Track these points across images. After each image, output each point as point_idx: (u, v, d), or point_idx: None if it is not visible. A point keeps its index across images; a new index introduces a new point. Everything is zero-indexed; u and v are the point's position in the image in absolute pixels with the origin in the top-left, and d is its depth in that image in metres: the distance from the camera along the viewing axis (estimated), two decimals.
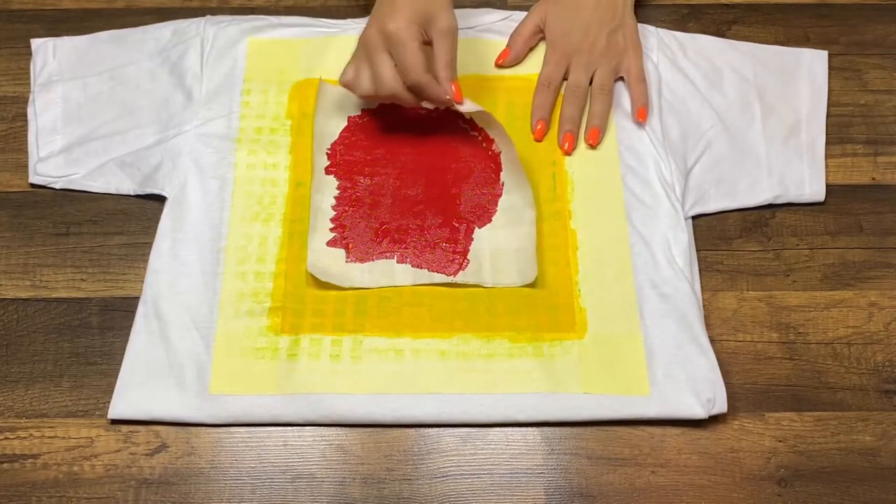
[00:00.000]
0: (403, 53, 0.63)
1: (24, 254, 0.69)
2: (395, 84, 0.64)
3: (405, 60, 0.63)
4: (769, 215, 0.71)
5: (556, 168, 0.71)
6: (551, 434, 0.61)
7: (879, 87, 0.77)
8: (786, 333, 0.66)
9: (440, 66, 0.65)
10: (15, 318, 0.66)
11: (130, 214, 0.70)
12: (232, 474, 0.60)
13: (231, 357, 0.63)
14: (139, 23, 0.78)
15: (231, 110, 0.73)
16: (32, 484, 0.60)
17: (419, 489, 0.60)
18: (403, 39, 0.62)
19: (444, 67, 0.65)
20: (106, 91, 0.74)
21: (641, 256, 0.67)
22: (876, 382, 0.64)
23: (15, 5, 0.81)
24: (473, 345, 0.64)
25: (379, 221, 0.69)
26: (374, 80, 0.65)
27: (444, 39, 0.64)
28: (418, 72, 0.63)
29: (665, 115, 0.73)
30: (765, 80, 0.76)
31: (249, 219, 0.68)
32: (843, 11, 0.81)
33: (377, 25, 0.63)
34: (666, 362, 0.63)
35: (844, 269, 0.69)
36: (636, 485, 0.60)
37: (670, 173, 0.70)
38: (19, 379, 0.64)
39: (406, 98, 0.65)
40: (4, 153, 0.73)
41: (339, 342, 0.64)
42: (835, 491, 0.60)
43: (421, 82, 0.63)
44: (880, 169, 0.73)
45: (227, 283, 0.66)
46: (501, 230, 0.68)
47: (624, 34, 0.74)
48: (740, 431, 0.62)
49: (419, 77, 0.63)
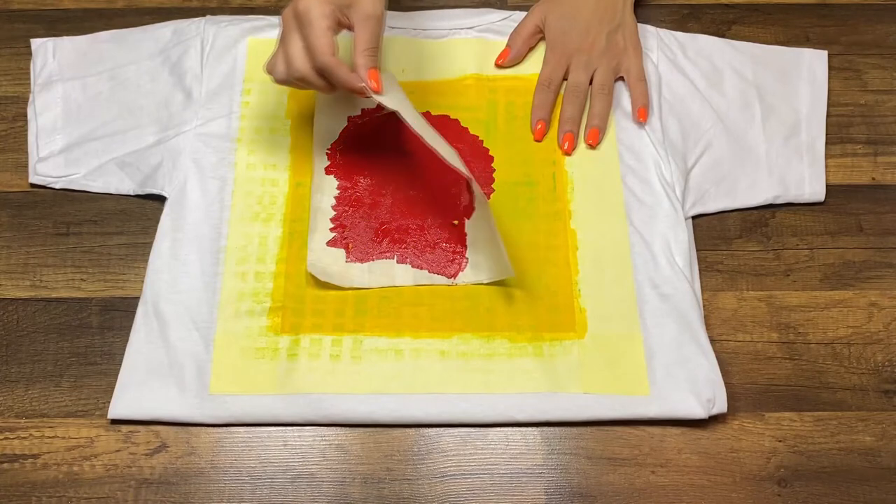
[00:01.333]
0: (310, 34, 0.60)
1: (24, 254, 0.69)
2: (304, 66, 0.61)
3: (311, 41, 0.60)
4: (769, 215, 0.71)
5: (556, 168, 0.71)
6: (551, 434, 0.61)
7: (879, 87, 0.77)
8: (786, 333, 0.66)
9: (357, 52, 0.61)
10: (15, 318, 0.66)
11: (130, 214, 0.70)
12: (232, 474, 0.60)
13: (231, 357, 0.63)
14: (139, 23, 0.78)
15: (231, 110, 0.73)
16: (32, 484, 0.60)
17: (419, 489, 0.60)
18: (312, 19, 0.59)
19: (362, 54, 0.61)
20: (106, 91, 0.74)
21: (641, 256, 0.67)
22: (876, 382, 0.64)
23: (15, 5, 0.81)
24: (473, 345, 0.64)
25: (379, 221, 0.69)
26: (285, 62, 0.62)
27: (365, 25, 0.61)
28: (324, 53, 0.60)
29: (665, 115, 0.73)
30: (765, 80, 0.76)
31: (249, 219, 0.68)
32: (843, 11, 0.81)
33: (292, 5, 0.61)
34: (666, 362, 0.63)
35: (844, 269, 0.69)
36: (636, 485, 0.60)
37: (670, 173, 0.70)
38: (19, 379, 0.64)
39: (317, 83, 0.62)
40: (4, 153, 0.73)
41: (339, 342, 0.64)
42: (835, 491, 0.60)
43: (327, 65, 0.60)
44: (880, 169, 0.73)
45: (226, 282, 0.66)
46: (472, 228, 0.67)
47: (624, 34, 0.74)
48: (740, 431, 0.62)
49: (325, 59, 0.60)
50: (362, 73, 0.61)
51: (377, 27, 0.62)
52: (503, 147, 0.72)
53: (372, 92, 0.62)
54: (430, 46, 0.77)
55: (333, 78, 0.61)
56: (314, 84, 0.62)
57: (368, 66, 0.61)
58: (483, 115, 0.74)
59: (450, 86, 0.75)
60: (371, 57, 0.62)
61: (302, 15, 0.60)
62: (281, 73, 0.63)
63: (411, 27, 0.77)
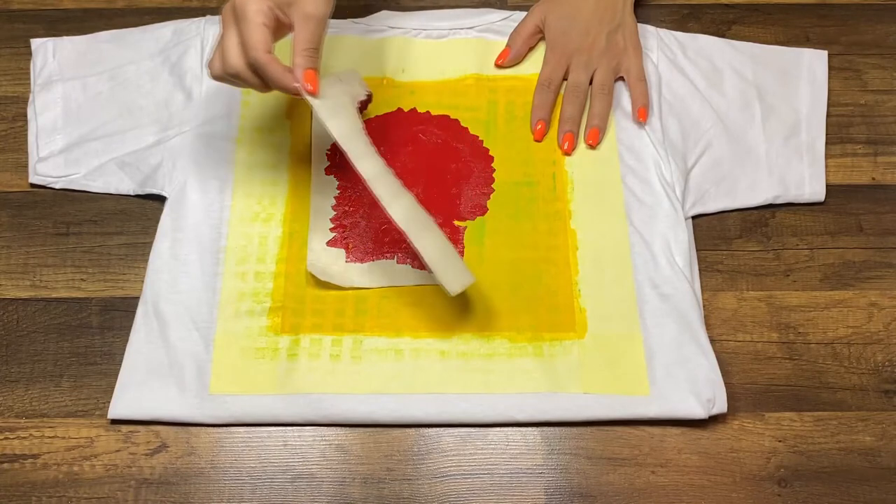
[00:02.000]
0: (245, 28, 0.58)
1: (24, 254, 0.69)
2: (238, 62, 0.59)
3: (245, 36, 0.58)
4: (769, 215, 0.71)
5: (556, 168, 0.71)
6: (551, 434, 0.61)
7: (879, 87, 0.77)
8: (786, 333, 0.66)
9: (295, 52, 0.59)
10: (15, 318, 0.66)
11: (130, 214, 0.70)
12: (232, 474, 0.60)
13: (231, 357, 0.63)
14: (139, 23, 0.78)
15: (231, 110, 0.73)
16: (32, 484, 0.60)
17: (419, 489, 0.60)
18: (248, 14, 0.58)
19: (300, 53, 0.59)
20: (106, 91, 0.74)
21: (641, 256, 0.67)
22: (876, 382, 0.64)
23: (15, 5, 0.81)
24: (473, 345, 0.64)
25: (379, 221, 0.69)
26: (221, 58, 0.60)
27: (305, 24, 0.59)
28: (257, 49, 0.57)
29: (665, 115, 0.73)
30: (765, 80, 0.76)
31: (249, 219, 0.68)
32: (843, 11, 0.81)
33: (231, 1, 0.59)
34: (666, 362, 0.63)
35: (844, 269, 0.69)
36: (636, 485, 0.60)
37: (670, 173, 0.70)
38: (19, 379, 0.64)
39: (251, 80, 0.60)
40: (4, 153, 0.73)
41: (339, 342, 0.64)
42: (835, 491, 0.60)
43: (260, 61, 0.58)
44: (880, 169, 0.73)
45: (226, 282, 0.66)
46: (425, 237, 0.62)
47: (624, 34, 0.74)
48: (740, 431, 0.62)
49: (257, 55, 0.57)
50: (298, 73, 0.59)
51: (318, 28, 0.60)
52: (503, 147, 0.72)
53: (306, 94, 0.59)
54: (430, 46, 0.77)
55: (266, 75, 0.59)
56: (248, 81, 0.60)
57: (305, 66, 0.59)
58: (483, 115, 0.74)
59: (450, 86, 0.75)
60: (309, 58, 0.60)
61: (239, 10, 0.58)
62: (216, 69, 0.61)
63: (411, 27, 0.77)
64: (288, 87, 0.59)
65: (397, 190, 0.61)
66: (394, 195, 0.61)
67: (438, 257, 0.60)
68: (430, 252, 0.60)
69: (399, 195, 0.61)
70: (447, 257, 0.61)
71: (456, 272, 0.60)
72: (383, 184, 0.61)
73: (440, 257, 0.60)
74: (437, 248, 0.60)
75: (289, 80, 0.59)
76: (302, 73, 0.59)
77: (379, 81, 0.75)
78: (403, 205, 0.61)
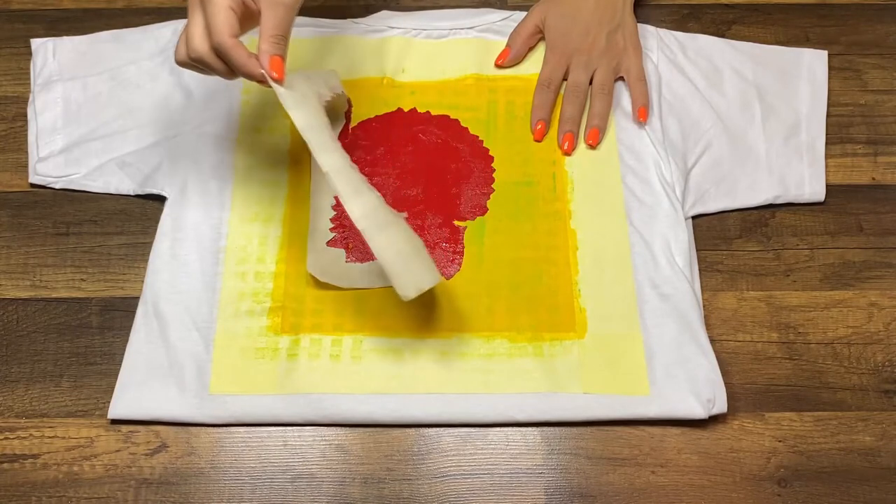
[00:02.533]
0: (211, 12, 0.56)
1: (24, 254, 0.69)
2: (202, 46, 0.57)
3: (210, 19, 0.56)
4: (769, 215, 0.71)
5: (555, 168, 0.71)
6: (551, 434, 0.61)
7: (879, 87, 0.77)
8: (786, 333, 0.66)
9: (262, 38, 0.57)
10: (15, 318, 0.66)
11: (130, 214, 0.70)
12: (232, 474, 0.60)
13: (231, 357, 0.63)
14: (139, 23, 0.78)
15: (231, 110, 0.73)
16: (32, 484, 0.60)
17: (419, 489, 0.60)
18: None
19: (266, 39, 0.57)
20: (106, 91, 0.74)
21: (641, 256, 0.67)
22: (876, 382, 0.64)
23: (15, 5, 0.81)
24: (473, 345, 0.64)
25: None
26: (185, 43, 0.58)
27: (272, 10, 0.58)
28: (222, 33, 0.56)
29: (665, 115, 0.73)
30: (765, 80, 0.75)
31: (249, 219, 0.68)
32: (843, 11, 0.81)
33: None
34: (666, 362, 0.63)
35: (844, 269, 0.69)
36: (636, 485, 0.60)
37: (670, 173, 0.70)
38: (19, 379, 0.64)
39: (216, 66, 0.58)
40: (4, 153, 0.73)
41: (339, 342, 0.64)
42: (835, 491, 0.60)
43: (224, 45, 0.56)
44: (880, 169, 0.73)
45: (226, 282, 0.66)
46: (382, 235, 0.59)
47: (623, 34, 0.74)
48: (740, 431, 0.62)
49: (222, 38, 0.56)
50: (264, 59, 0.57)
51: (286, 15, 0.58)
52: (503, 147, 0.72)
53: (272, 81, 0.57)
54: (430, 46, 0.77)
55: (230, 60, 0.57)
56: (213, 67, 0.58)
57: (271, 52, 0.57)
58: (483, 115, 0.74)
59: (450, 86, 0.75)
60: (276, 44, 0.58)
61: None
62: (180, 54, 0.58)
63: (411, 27, 0.77)
64: (253, 74, 0.57)
65: (359, 187, 0.58)
66: (355, 191, 0.58)
67: (393, 258, 0.57)
68: (384, 253, 0.57)
69: (361, 192, 0.58)
70: (405, 259, 0.57)
71: (414, 275, 0.57)
72: (344, 179, 0.58)
73: (395, 259, 0.57)
74: (394, 249, 0.57)
75: (254, 67, 0.57)
76: (268, 60, 0.57)
77: (379, 81, 0.75)
78: (364, 203, 0.58)
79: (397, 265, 0.57)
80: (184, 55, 0.58)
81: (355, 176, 0.59)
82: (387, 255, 0.57)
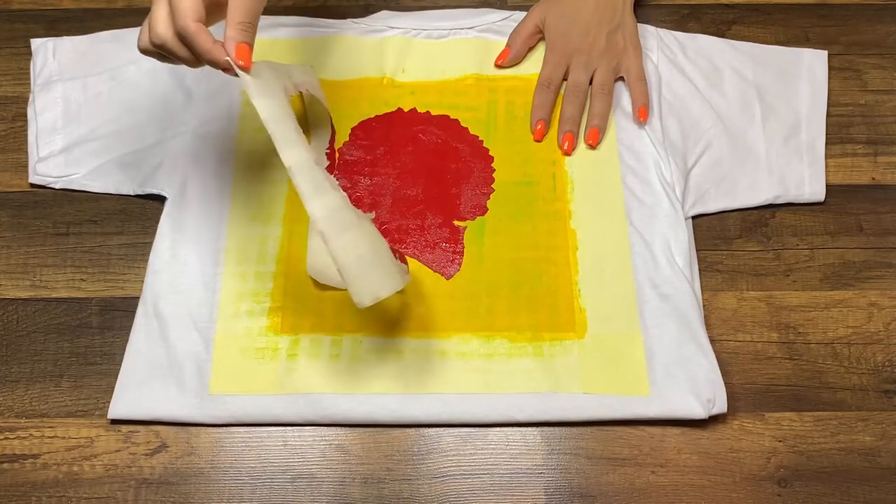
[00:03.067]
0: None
1: (24, 254, 0.69)
2: (165, 31, 0.54)
3: (174, 3, 0.54)
4: (769, 215, 0.71)
5: (555, 168, 0.71)
6: (551, 434, 0.61)
7: (879, 87, 0.77)
8: (786, 333, 0.66)
9: (229, 25, 0.55)
10: (15, 318, 0.66)
11: (130, 214, 0.70)
12: (232, 474, 0.60)
13: (231, 357, 0.63)
14: (139, 23, 0.76)
15: (231, 110, 0.73)
16: (32, 484, 0.60)
17: (419, 489, 0.60)
18: None
19: (233, 27, 0.55)
20: (106, 91, 0.74)
21: (641, 256, 0.67)
22: (876, 382, 0.64)
23: (15, 5, 0.81)
24: (473, 345, 0.64)
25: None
26: (148, 28, 0.55)
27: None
28: (186, 17, 0.53)
29: (665, 115, 0.73)
30: (765, 80, 0.76)
31: (249, 219, 0.68)
32: (843, 11, 0.81)
33: None
34: (666, 362, 0.63)
35: (844, 269, 0.69)
36: (636, 485, 0.60)
37: (670, 173, 0.70)
38: (19, 379, 0.64)
39: (179, 52, 0.55)
40: (4, 153, 0.73)
41: (339, 342, 0.64)
42: (835, 491, 0.60)
43: (188, 29, 0.53)
44: (880, 169, 0.73)
45: (226, 283, 0.66)
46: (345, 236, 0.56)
47: (623, 34, 0.74)
48: (740, 431, 0.62)
49: (185, 22, 0.53)
50: (230, 46, 0.55)
51: (254, 2, 0.56)
52: (503, 147, 0.72)
53: (238, 69, 0.55)
54: (430, 46, 0.77)
55: (194, 46, 0.54)
56: (177, 53, 0.55)
57: (238, 39, 0.55)
58: (483, 115, 0.74)
59: (450, 86, 0.75)
60: (243, 31, 0.55)
61: None
62: (142, 40, 0.56)
63: (411, 27, 0.77)
64: (218, 61, 0.55)
65: (322, 185, 0.55)
66: (316, 190, 0.55)
67: (350, 264, 0.54)
68: (340, 257, 0.54)
69: (323, 192, 0.55)
70: (364, 265, 0.54)
71: (370, 282, 0.54)
72: (306, 176, 0.55)
73: (353, 264, 0.54)
74: (353, 254, 0.54)
75: (219, 53, 0.54)
76: (234, 47, 0.55)
77: (379, 81, 0.75)
78: (326, 203, 0.55)
79: (354, 271, 0.54)
80: (146, 41, 0.56)
81: (319, 174, 0.56)
82: (343, 261, 0.54)
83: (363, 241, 0.55)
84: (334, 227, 0.54)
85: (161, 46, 0.55)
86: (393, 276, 0.55)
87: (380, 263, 0.55)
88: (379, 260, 0.55)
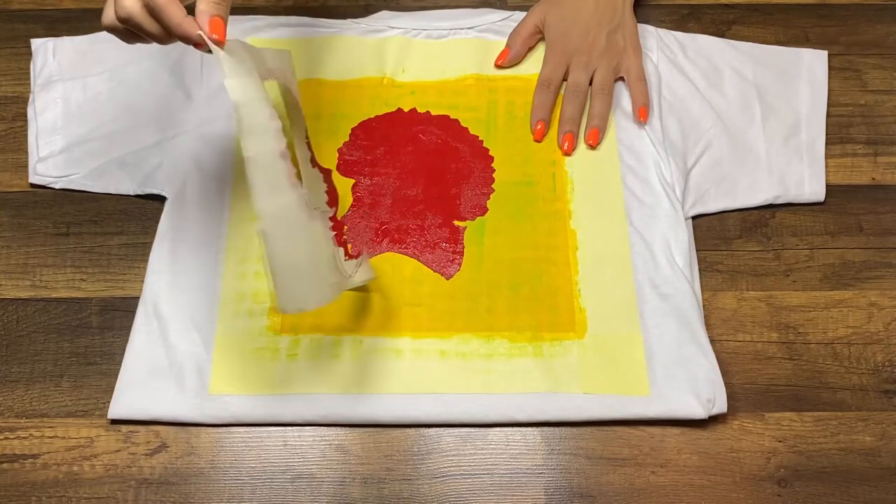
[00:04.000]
0: None
1: (24, 254, 0.69)
2: (133, 4, 0.51)
3: None
4: (769, 215, 0.71)
5: (555, 168, 0.71)
6: (551, 434, 0.61)
7: (879, 87, 0.77)
8: (786, 333, 0.66)
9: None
10: (15, 318, 0.66)
11: (130, 214, 0.70)
12: (232, 474, 0.60)
13: (231, 357, 0.63)
14: None
15: (231, 110, 0.73)
16: (32, 484, 0.60)
17: (419, 489, 0.60)
18: None
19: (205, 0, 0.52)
20: (106, 91, 0.74)
21: (641, 256, 0.67)
22: (876, 382, 0.64)
23: (15, 5, 0.81)
24: (473, 345, 0.64)
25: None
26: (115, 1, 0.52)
27: None
28: None
29: (665, 115, 0.73)
30: (765, 80, 0.76)
31: (249, 219, 0.68)
32: (843, 11, 0.81)
33: None
34: (666, 362, 0.63)
35: (844, 269, 0.69)
36: (636, 485, 0.60)
37: (670, 173, 0.70)
38: (19, 379, 0.64)
39: (148, 26, 0.52)
40: (4, 153, 0.73)
41: (339, 342, 0.64)
42: (835, 491, 0.60)
43: (157, 2, 0.50)
44: (880, 169, 0.73)
45: (226, 283, 0.66)
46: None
47: (623, 34, 0.74)
48: (740, 431, 0.62)
49: None
50: (202, 19, 0.51)
51: None
52: (503, 147, 0.72)
53: (211, 45, 0.51)
54: (430, 46, 0.77)
55: (164, 18, 0.51)
56: (144, 27, 0.52)
57: (211, 13, 0.51)
58: (483, 115, 0.74)
59: (450, 86, 0.75)
60: (217, 5, 0.52)
61: None
62: (107, 16, 0.53)
63: (411, 27, 0.77)
64: (189, 35, 0.51)
65: (279, 183, 0.52)
66: (270, 187, 0.52)
67: (281, 271, 0.52)
68: (274, 262, 0.52)
69: (278, 190, 0.52)
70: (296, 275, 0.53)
71: (296, 294, 0.53)
72: (262, 170, 0.52)
73: (284, 272, 0.52)
74: (287, 261, 0.52)
75: (190, 26, 0.51)
76: (207, 20, 0.51)
77: (379, 81, 0.75)
78: (275, 202, 0.52)
79: (282, 279, 0.52)
80: (111, 17, 0.53)
81: (280, 168, 0.52)
82: (276, 266, 0.52)
83: (302, 249, 0.53)
84: (277, 228, 0.52)
85: (127, 20, 0.52)
86: (322, 290, 0.54)
87: (313, 274, 0.54)
88: (314, 270, 0.54)
